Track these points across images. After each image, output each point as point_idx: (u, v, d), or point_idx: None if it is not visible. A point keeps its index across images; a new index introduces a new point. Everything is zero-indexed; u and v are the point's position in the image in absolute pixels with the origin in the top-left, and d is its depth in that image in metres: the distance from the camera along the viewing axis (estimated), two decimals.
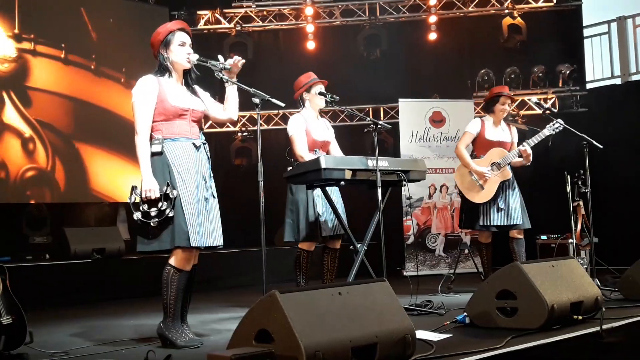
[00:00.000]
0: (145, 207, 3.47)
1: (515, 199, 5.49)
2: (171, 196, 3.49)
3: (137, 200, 3.49)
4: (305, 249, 4.95)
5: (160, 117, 3.63)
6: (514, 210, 5.46)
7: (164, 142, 3.60)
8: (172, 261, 3.59)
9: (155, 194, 3.47)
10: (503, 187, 5.48)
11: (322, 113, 5.17)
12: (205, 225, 3.59)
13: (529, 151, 5.39)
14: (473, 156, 5.62)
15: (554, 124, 5.48)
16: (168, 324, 3.59)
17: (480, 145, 5.59)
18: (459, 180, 5.62)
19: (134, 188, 3.53)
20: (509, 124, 5.71)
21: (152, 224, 3.47)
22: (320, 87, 5.01)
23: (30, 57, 7.81)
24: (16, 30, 7.71)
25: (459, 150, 5.59)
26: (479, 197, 5.48)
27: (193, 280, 3.75)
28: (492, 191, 5.44)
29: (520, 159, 5.49)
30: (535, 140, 5.44)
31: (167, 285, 3.57)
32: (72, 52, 8.12)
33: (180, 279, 3.59)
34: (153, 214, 3.46)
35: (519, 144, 5.52)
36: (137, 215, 3.49)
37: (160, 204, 3.47)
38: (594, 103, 8.48)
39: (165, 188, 3.49)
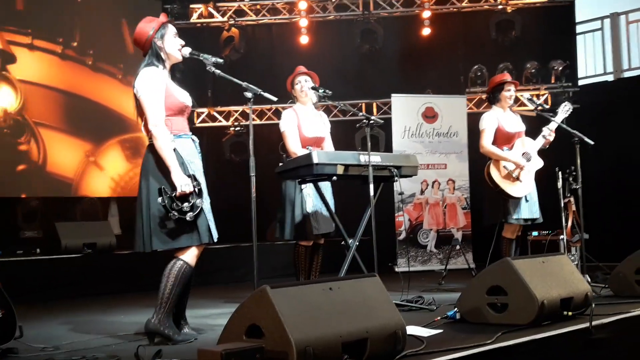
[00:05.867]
0: (178, 203, 3.39)
1: (535, 192, 5.40)
2: (197, 188, 3.46)
3: (169, 199, 3.38)
4: (302, 245, 4.93)
5: (167, 112, 3.54)
6: (534, 203, 5.37)
7: (173, 138, 3.54)
8: (185, 257, 3.53)
9: (190, 187, 3.42)
10: None
11: (318, 107, 5.10)
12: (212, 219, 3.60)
13: (552, 137, 5.35)
14: None
15: (565, 106, 5.46)
16: (164, 319, 3.51)
17: (502, 140, 5.37)
18: (497, 175, 5.27)
19: (162, 190, 3.39)
20: (515, 112, 5.59)
21: (188, 218, 3.41)
22: (305, 79, 4.94)
23: (21, 49, 7.76)
24: (8, 23, 7.66)
25: (486, 148, 5.32)
26: (519, 191, 5.26)
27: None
28: (531, 182, 5.31)
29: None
30: (554, 124, 5.36)
31: (176, 280, 3.49)
32: (62, 44, 8.07)
33: (191, 275, 3.57)
34: (186, 209, 3.41)
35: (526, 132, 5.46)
36: (174, 215, 3.38)
37: (191, 197, 3.43)
38: (586, 99, 8.50)
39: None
